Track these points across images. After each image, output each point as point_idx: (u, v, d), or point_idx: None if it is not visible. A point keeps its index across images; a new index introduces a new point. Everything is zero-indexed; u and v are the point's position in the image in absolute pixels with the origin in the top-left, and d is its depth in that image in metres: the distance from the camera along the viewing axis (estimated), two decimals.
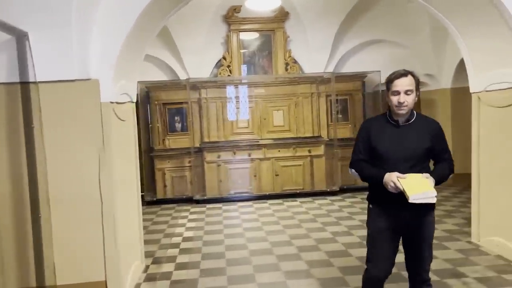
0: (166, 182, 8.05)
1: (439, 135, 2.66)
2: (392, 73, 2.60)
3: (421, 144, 2.59)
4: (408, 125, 2.63)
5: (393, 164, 2.53)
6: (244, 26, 8.27)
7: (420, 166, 2.57)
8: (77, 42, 3.44)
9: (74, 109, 3.58)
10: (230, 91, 8.31)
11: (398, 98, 2.54)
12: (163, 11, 4.18)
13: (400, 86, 2.53)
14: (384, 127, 2.65)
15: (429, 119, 2.74)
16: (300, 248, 5.00)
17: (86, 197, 3.62)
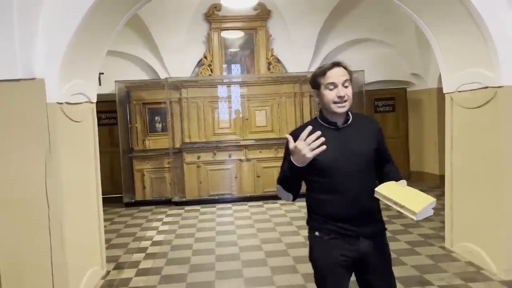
0: (145, 183, 7.91)
1: (380, 133, 2.24)
2: (320, 67, 2.15)
3: (368, 145, 2.12)
4: (348, 126, 2.13)
5: (344, 176, 2.03)
6: (225, 25, 8.12)
7: (370, 172, 2.15)
8: (20, 41, 3.29)
9: (18, 109, 3.43)
10: (211, 91, 8.16)
11: (337, 92, 2.03)
12: (119, 8, 4.03)
13: (336, 77, 2.04)
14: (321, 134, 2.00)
15: (366, 116, 2.38)
16: (268, 253, 4.85)
17: (32, 202, 3.48)
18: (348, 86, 2.08)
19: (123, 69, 8.28)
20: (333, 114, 2.11)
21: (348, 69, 2.12)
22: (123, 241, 5.60)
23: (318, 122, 2.16)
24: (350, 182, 2.04)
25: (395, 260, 4.34)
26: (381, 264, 2.13)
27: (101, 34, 4.07)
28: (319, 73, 2.11)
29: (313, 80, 2.15)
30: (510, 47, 3.73)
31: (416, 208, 1.87)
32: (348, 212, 2.04)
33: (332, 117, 2.12)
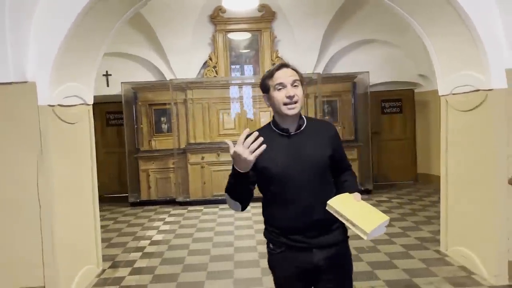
0: (150, 183, 8.02)
1: (337, 138, 2.11)
2: (267, 71, 2.04)
3: (322, 152, 1.99)
4: (301, 133, 2.01)
5: (295, 185, 1.93)
6: (230, 26, 8.18)
7: (326, 183, 2.04)
8: (11, 45, 3.40)
9: (11, 112, 3.55)
10: (216, 92, 8.23)
11: (286, 92, 1.93)
12: (113, 13, 4.11)
13: (284, 77, 1.94)
14: (272, 141, 1.95)
15: (322, 121, 2.23)
16: (261, 254, 4.88)
17: (24, 202, 3.59)
18: (298, 86, 1.97)
19: (131, 70, 8.43)
20: (285, 119, 1.99)
21: (297, 70, 2.02)
22: (123, 240, 5.70)
23: (271, 128, 2.06)
24: (301, 192, 1.93)
25: (387, 263, 4.37)
26: (337, 276, 2.04)
27: (95, 38, 4.17)
28: (267, 75, 2.01)
29: (262, 84, 2.04)
30: (500, 49, 3.68)
31: (367, 228, 1.75)
32: (299, 224, 1.94)
33: (284, 122, 2.01)
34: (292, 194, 1.94)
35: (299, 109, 1.98)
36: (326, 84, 8.19)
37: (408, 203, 7.21)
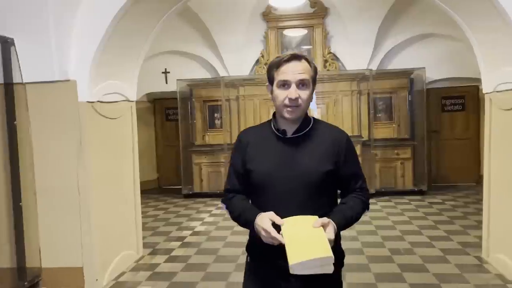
0: (202, 176, 8.34)
1: (347, 152, 1.75)
2: (277, 57, 1.72)
3: (319, 165, 1.68)
4: (300, 137, 1.73)
5: (276, 198, 1.66)
6: (282, 23, 8.23)
7: (317, 202, 1.68)
8: (55, 46, 3.75)
9: (55, 108, 3.91)
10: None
11: (288, 93, 1.65)
12: (152, 12, 4.36)
13: (291, 73, 1.63)
14: (265, 141, 1.76)
15: (332, 128, 1.83)
16: None
17: (65, 189, 3.95)
18: (306, 86, 1.67)
19: (188, 68, 8.78)
20: (284, 120, 1.74)
21: (311, 63, 1.72)
22: (167, 230, 6.02)
23: (269, 126, 1.81)
24: (282, 206, 1.62)
25: (418, 267, 4.23)
26: None
27: (136, 38, 4.44)
28: (273, 64, 1.71)
29: (268, 72, 1.75)
30: None
31: (293, 258, 1.45)
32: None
33: (282, 122, 1.75)
34: (272, 206, 1.62)
35: (301, 113, 1.71)
36: (380, 81, 7.99)
37: (462, 206, 6.84)
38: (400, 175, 8.00)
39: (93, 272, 4.01)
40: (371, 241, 5.15)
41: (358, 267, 4.33)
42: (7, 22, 3.70)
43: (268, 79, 1.77)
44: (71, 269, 4.01)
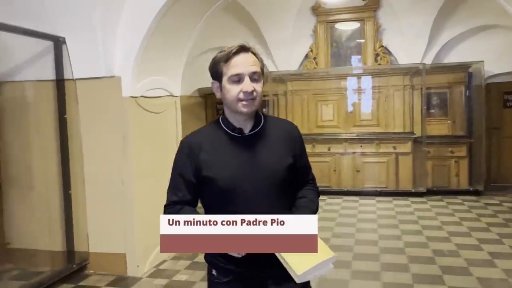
0: None
1: (301, 144, 1.74)
2: (222, 50, 1.60)
3: (282, 160, 1.63)
4: (257, 134, 1.65)
5: (246, 201, 1.56)
6: (332, 17, 8.11)
7: (283, 199, 1.64)
8: (102, 44, 3.97)
9: (102, 102, 4.15)
10: (315, 84, 8.25)
11: (243, 86, 1.55)
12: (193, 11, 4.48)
13: (243, 67, 1.55)
14: (220, 143, 1.63)
15: (284, 121, 1.81)
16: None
17: (111, 179, 4.18)
18: (259, 80, 1.60)
19: None
20: (238, 117, 1.63)
21: (258, 56, 1.64)
22: None
23: (219, 126, 1.67)
24: (254, 207, 1.50)
25: (462, 270, 4.06)
26: None
27: (178, 36, 4.59)
28: (220, 58, 1.59)
29: (213, 68, 1.63)
30: None
31: (299, 268, 1.40)
32: None
33: (236, 120, 1.64)
34: (242, 211, 1.45)
35: (257, 106, 1.63)
36: (435, 75, 7.68)
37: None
38: (454, 174, 7.63)
39: (134, 259, 4.22)
40: (414, 241, 4.99)
41: (396, 267, 4.22)
42: (59, 22, 3.97)
43: (214, 75, 1.64)
44: (115, 255, 4.24)
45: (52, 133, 4.19)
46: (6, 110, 4.30)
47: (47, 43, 3.99)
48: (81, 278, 4.13)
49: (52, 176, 4.24)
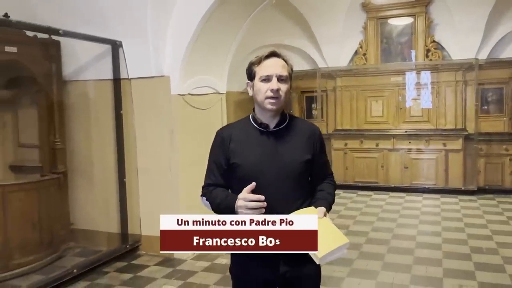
0: None
1: (320, 143, 1.95)
2: (256, 56, 1.88)
3: (301, 155, 1.85)
4: (281, 130, 1.87)
5: (266, 186, 1.74)
6: (382, 13, 8.09)
7: (299, 190, 1.86)
8: (152, 47, 4.39)
9: (153, 99, 4.57)
10: (365, 80, 8.29)
11: (271, 85, 1.78)
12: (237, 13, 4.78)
13: (272, 69, 1.80)
14: (248, 135, 1.87)
15: (306, 122, 2.04)
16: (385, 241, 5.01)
17: (160, 169, 4.60)
18: (285, 82, 1.83)
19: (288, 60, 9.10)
20: (265, 114, 1.86)
21: (289, 63, 1.89)
22: None
23: (249, 122, 1.92)
24: (272, 194, 1.72)
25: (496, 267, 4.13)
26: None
27: (223, 37, 4.91)
28: (254, 61, 1.86)
29: (248, 69, 1.89)
30: None
31: (320, 251, 1.59)
32: None
33: (264, 117, 1.87)
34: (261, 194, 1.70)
35: (282, 104, 1.84)
36: (489, 70, 7.48)
37: None
38: (509, 172, 7.39)
39: None
40: (454, 238, 5.01)
41: (429, 261, 4.30)
42: (116, 28, 4.43)
43: (249, 76, 1.88)
44: None
45: (110, 127, 4.67)
46: (72, 107, 4.84)
47: (106, 46, 4.47)
48: (133, 258, 4.60)
49: (110, 166, 4.73)
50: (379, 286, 3.78)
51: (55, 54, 4.62)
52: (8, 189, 4.11)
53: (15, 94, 4.73)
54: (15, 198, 4.17)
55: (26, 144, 4.72)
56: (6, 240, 4.07)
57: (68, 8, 4.48)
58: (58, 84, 4.67)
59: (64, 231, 4.77)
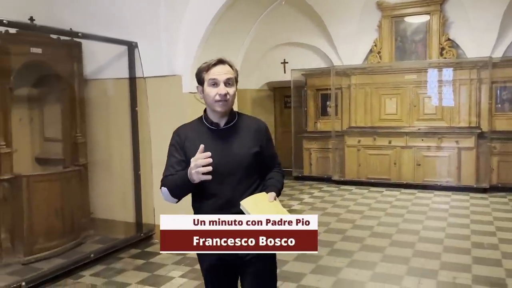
0: (311, 161, 8.86)
1: (267, 136, 2.16)
2: (204, 62, 2.07)
3: (248, 148, 2.05)
4: (231, 128, 2.08)
5: (220, 179, 1.95)
6: (397, 12, 8.18)
7: (250, 179, 2.07)
8: (166, 47, 4.68)
9: (166, 97, 4.85)
10: (379, 78, 8.39)
11: (218, 90, 1.98)
12: (244, 15, 5.01)
13: (218, 74, 1.99)
14: (200, 134, 2.06)
15: (253, 118, 2.21)
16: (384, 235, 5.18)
17: None
18: (232, 85, 2.02)
19: (305, 58, 9.26)
20: (215, 114, 2.05)
21: (234, 67, 2.07)
22: None
23: (202, 122, 2.12)
24: (225, 186, 1.98)
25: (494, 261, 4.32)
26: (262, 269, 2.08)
27: (234, 37, 5.15)
28: (203, 68, 2.05)
29: (198, 75, 2.08)
30: None
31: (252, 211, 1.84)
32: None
33: (214, 117, 2.06)
34: (216, 187, 1.97)
35: (230, 106, 2.04)
36: (505, 69, 7.51)
37: None
38: None
39: None
40: (457, 233, 5.12)
41: (428, 254, 4.44)
42: (131, 30, 4.73)
43: (198, 81, 2.07)
44: None
45: (126, 123, 4.99)
46: (92, 104, 5.18)
47: (123, 47, 4.77)
48: (147, 245, 4.91)
49: (126, 159, 5.05)
50: (375, 276, 3.95)
51: (77, 55, 4.95)
52: (33, 179, 4.47)
53: (41, 92, 5.09)
54: (40, 187, 4.53)
55: (50, 138, 5.09)
56: (31, 226, 4.43)
57: (89, 12, 4.80)
58: (80, 83, 5.01)
59: (85, 219, 5.12)
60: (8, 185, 4.37)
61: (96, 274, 4.15)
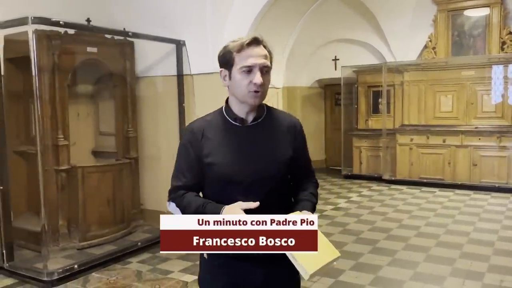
0: (361, 159, 8.71)
1: (302, 138, 1.74)
2: (235, 40, 1.62)
3: (283, 151, 1.65)
4: (259, 125, 1.66)
5: (242, 188, 1.57)
6: (454, 5, 7.84)
7: (279, 190, 1.65)
8: (211, 45, 4.81)
9: (212, 93, 4.98)
10: (434, 74, 8.08)
11: (254, 78, 1.55)
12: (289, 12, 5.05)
13: (256, 59, 1.56)
14: (222, 131, 1.65)
15: (285, 114, 1.78)
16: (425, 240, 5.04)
17: None
18: (268, 72, 1.61)
19: (356, 55, 9.12)
20: (243, 107, 1.64)
21: (271, 52, 1.66)
22: None
23: (222, 115, 1.68)
24: (249, 196, 1.53)
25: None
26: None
27: (279, 34, 5.21)
28: (233, 47, 1.60)
29: (223, 56, 1.65)
30: None
31: (310, 267, 1.44)
32: None
33: (240, 111, 1.65)
34: (236, 197, 1.54)
35: (263, 99, 1.64)
36: None
37: None
38: None
39: None
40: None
41: (476, 256, 4.26)
42: (179, 29, 4.92)
43: (224, 64, 1.64)
44: None
45: (175, 118, 5.18)
46: (142, 100, 5.44)
47: (171, 46, 4.97)
48: None
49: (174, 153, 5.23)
50: (416, 275, 3.86)
51: (130, 53, 5.22)
52: (87, 170, 4.77)
53: (97, 89, 5.42)
54: (93, 178, 4.83)
55: (105, 132, 5.40)
56: (86, 215, 4.74)
57: (140, 12, 5.06)
58: (132, 80, 5.27)
59: (135, 210, 5.38)
60: (65, 175, 4.70)
61: (142, 261, 4.37)
